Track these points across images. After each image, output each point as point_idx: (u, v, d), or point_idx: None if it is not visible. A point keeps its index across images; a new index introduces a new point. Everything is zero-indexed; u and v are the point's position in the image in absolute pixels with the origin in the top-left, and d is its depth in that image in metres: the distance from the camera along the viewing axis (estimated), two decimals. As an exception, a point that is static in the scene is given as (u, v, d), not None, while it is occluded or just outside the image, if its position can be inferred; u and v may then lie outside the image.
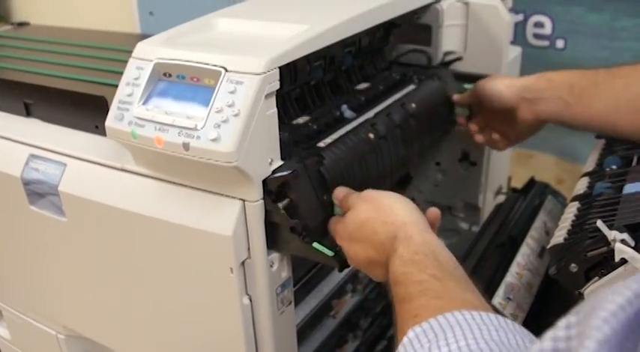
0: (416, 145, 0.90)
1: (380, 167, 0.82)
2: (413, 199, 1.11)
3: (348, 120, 0.83)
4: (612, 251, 0.60)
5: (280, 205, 0.67)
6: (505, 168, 1.22)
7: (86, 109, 0.83)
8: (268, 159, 0.67)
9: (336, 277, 0.97)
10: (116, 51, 1.04)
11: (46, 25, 1.36)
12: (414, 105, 0.90)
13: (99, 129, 0.81)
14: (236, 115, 0.62)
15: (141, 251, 0.76)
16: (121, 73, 0.71)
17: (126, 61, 0.72)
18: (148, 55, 0.70)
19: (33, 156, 0.83)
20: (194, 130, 0.63)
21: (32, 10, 2.10)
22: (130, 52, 0.72)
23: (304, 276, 0.91)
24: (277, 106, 0.67)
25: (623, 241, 0.60)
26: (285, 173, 0.67)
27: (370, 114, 0.85)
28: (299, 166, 0.68)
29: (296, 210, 0.68)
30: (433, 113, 0.95)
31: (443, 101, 0.99)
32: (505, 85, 0.90)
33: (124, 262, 0.79)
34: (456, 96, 0.99)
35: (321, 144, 0.76)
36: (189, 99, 0.66)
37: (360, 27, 0.81)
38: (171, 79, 0.68)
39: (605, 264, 0.62)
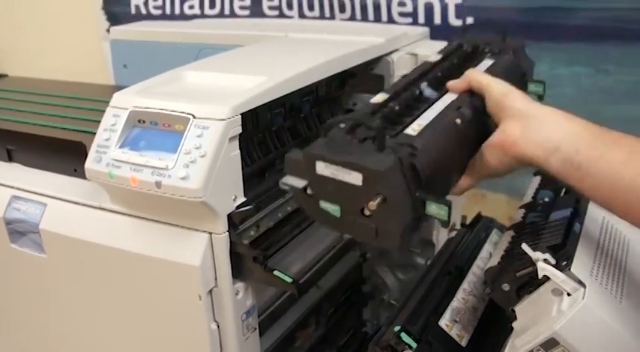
0: (484, 135, 0.76)
1: (461, 155, 0.74)
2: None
3: (431, 101, 0.76)
4: (537, 270, 0.68)
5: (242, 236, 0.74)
6: (459, 207, 1.31)
7: (65, 154, 0.90)
8: (232, 196, 0.75)
9: (300, 308, 1.03)
10: (92, 101, 1.12)
11: (24, 77, 1.43)
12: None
13: (77, 172, 0.89)
14: (203, 156, 0.70)
15: (117, 282, 0.83)
16: (97, 121, 0.78)
17: (101, 111, 0.80)
18: (123, 103, 0.78)
19: (15, 197, 0.90)
20: (165, 170, 0.71)
21: (9, 62, 2.17)
22: (105, 102, 0.80)
23: (269, 307, 0.98)
24: (241, 149, 0.75)
25: (545, 260, 0.68)
26: (247, 208, 0.74)
27: (452, 95, 0.77)
28: (392, 161, 0.60)
29: (389, 209, 0.60)
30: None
31: (518, 78, 0.90)
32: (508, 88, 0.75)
33: (101, 294, 0.85)
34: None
35: (410, 131, 0.68)
36: (161, 142, 0.74)
37: (316, 77, 0.89)
38: (144, 125, 0.76)
39: (533, 282, 0.69)
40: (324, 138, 0.64)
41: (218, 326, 0.79)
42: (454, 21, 1.39)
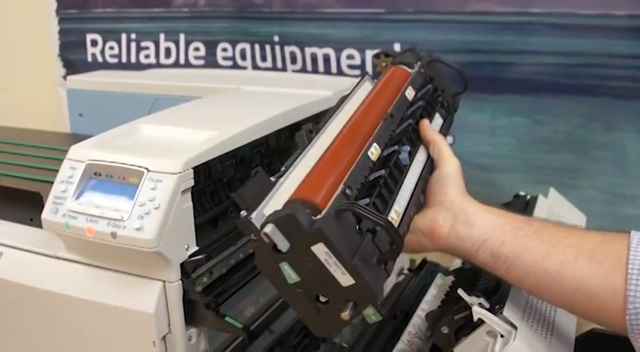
0: None
1: None
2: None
3: (405, 170, 0.78)
4: (472, 313, 0.73)
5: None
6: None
7: (21, 203, 0.92)
8: (185, 245, 0.78)
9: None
10: (48, 149, 1.14)
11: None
12: None
13: (33, 221, 0.91)
14: (157, 208, 0.73)
15: (71, 329, 0.84)
16: (54, 170, 0.81)
17: (57, 159, 0.82)
18: (80, 156, 0.81)
19: (-30, 247, 0.91)
20: (121, 221, 0.74)
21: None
22: (61, 150, 0.83)
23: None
24: (193, 200, 0.78)
25: (480, 304, 0.73)
26: (199, 257, 0.78)
27: (418, 166, 0.81)
28: (382, 283, 0.62)
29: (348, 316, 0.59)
30: None
31: None
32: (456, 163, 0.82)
33: (56, 341, 0.87)
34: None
35: (391, 218, 0.70)
36: (116, 194, 0.77)
37: (266, 131, 0.94)
38: (100, 178, 0.79)
39: (469, 324, 0.74)
40: (337, 219, 0.59)
41: (171, 372, 0.81)
42: (400, 73, 1.46)
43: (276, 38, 1.60)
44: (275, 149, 1.07)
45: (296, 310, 0.64)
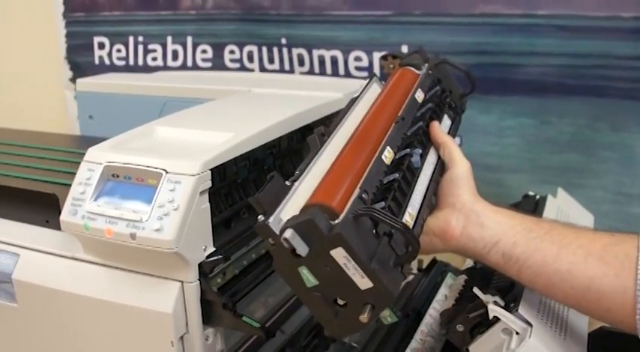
0: None
1: None
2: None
3: (417, 172, 0.80)
4: (488, 311, 0.74)
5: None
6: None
7: (37, 205, 0.93)
8: (203, 246, 0.79)
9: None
10: (61, 152, 1.15)
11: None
12: None
13: (49, 223, 0.92)
14: (176, 209, 0.74)
15: (89, 330, 0.85)
16: (68, 173, 0.82)
17: (71, 162, 0.83)
18: (98, 159, 0.82)
19: (-14, 249, 0.92)
20: (140, 222, 0.75)
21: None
22: (75, 153, 0.83)
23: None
24: (209, 201, 0.79)
25: (495, 302, 0.74)
26: (218, 257, 0.79)
27: (429, 168, 0.83)
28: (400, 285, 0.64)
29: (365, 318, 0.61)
30: None
31: None
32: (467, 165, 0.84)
33: (73, 342, 0.88)
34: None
35: (406, 221, 0.72)
36: (134, 196, 0.78)
37: (280, 132, 0.95)
38: (118, 180, 0.80)
39: (485, 322, 0.75)
40: (355, 223, 0.61)
41: (189, 371, 0.82)
42: (408, 75, 1.47)
43: (283, 40, 1.61)
44: (287, 151, 1.08)
45: (314, 312, 0.65)
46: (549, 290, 0.71)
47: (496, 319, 0.73)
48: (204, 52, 1.75)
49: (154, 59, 1.83)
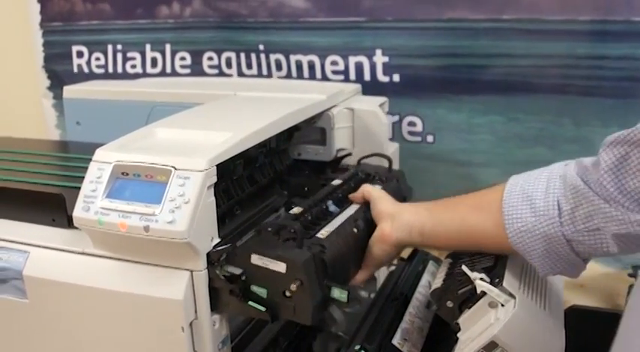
0: None
1: (356, 254, 1.00)
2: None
3: (334, 214, 1.01)
4: (475, 287, 0.81)
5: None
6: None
7: (41, 206, 0.97)
8: (210, 237, 0.85)
9: (260, 342, 1.12)
10: (61, 157, 1.19)
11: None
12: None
13: (56, 222, 0.96)
14: (187, 203, 0.80)
15: (101, 322, 0.90)
16: (69, 176, 0.85)
17: (69, 166, 0.87)
18: (106, 158, 0.87)
19: (-3, 247, 0.97)
20: (153, 216, 0.80)
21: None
22: (69, 157, 0.87)
23: (233, 340, 1.06)
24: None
25: (482, 279, 0.81)
26: (225, 246, 0.85)
27: (351, 210, 1.03)
28: (308, 255, 0.84)
29: (304, 291, 0.81)
30: None
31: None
32: (391, 200, 1.02)
33: (85, 334, 0.92)
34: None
35: (320, 235, 0.92)
36: (145, 192, 0.83)
37: (272, 132, 1.01)
38: (128, 177, 0.85)
39: (472, 297, 0.83)
40: (258, 237, 0.88)
41: (198, 356, 0.87)
42: (382, 77, 1.55)
43: (261, 46, 1.67)
44: (275, 149, 1.15)
45: (281, 314, 0.85)
46: (459, 245, 0.95)
47: (483, 293, 0.80)
48: (182, 59, 1.80)
49: (133, 67, 1.87)
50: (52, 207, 0.96)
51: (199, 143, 0.90)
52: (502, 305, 0.79)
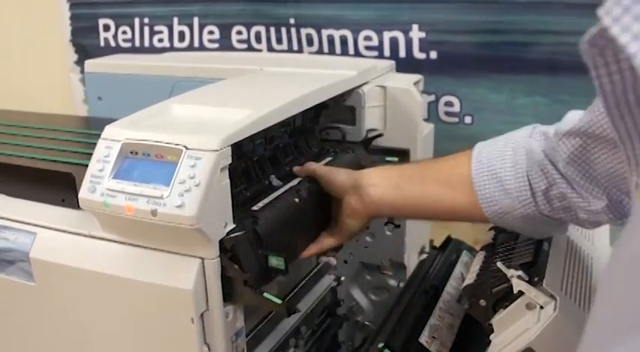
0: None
1: (304, 224, 0.95)
2: (345, 261, 1.26)
3: (276, 188, 0.95)
4: (512, 286, 0.74)
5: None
6: (426, 231, 1.36)
7: (53, 185, 0.92)
8: (223, 223, 0.78)
9: (280, 332, 1.06)
10: (75, 133, 1.14)
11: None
12: None
13: (65, 202, 0.91)
14: (197, 185, 0.74)
15: (108, 308, 0.85)
16: (82, 153, 0.80)
17: (84, 142, 0.82)
18: (115, 136, 0.81)
19: (3, 227, 0.92)
20: (161, 199, 0.74)
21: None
22: (87, 133, 0.82)
23: (252, 331, 1.01)
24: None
25: (519, 277, 0.74)
26: (238, 234, 0.78)
27: (294, 181, 0.98)
28: (239, 226, 0.80)
29: (238, 263, 0.79)
30: None
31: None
32: (344, 172, 0.97)
33: (91, 320, 0.88)
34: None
35: (255, 207, 0.88)
36: (154, 173, 0.77)
37: (296, 109, 0.94)
38: (137, 156, 0.79)
39: (508, 297, 0.75)
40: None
41: (209, 348, 0.81)
42: (418, 54, 1.47)
43: (291, 20, 1.60)
44: (300, 128, 1.08)
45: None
46: (433, 219, 1.02)
47: (520, 293, 0.73)
48: (211, 33, 1.74)
49: (160, 41, 1.82)
50: (61, 186, 0.90)
51: (215, 120, 0.84)
52: (541, 308, 0.71)
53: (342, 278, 1.23)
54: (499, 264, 0.75)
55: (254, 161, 0.97)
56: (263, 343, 1.02)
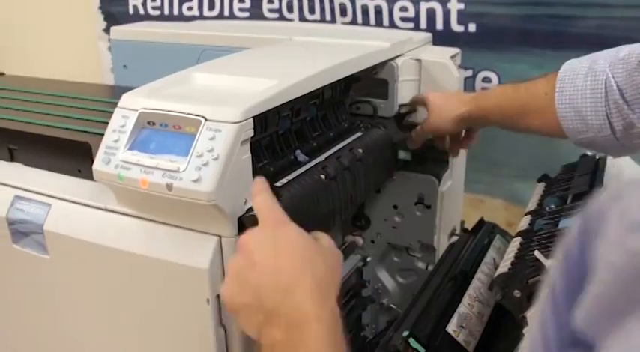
0: (362, 186, 0.98)
1: (330, 205, 0.90)
2: (372, 241, 1.21)
3: (302, 164, 0.91)
4: (549, 277, 0.68)
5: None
6: (458, 212, 1.31)
7: (70, 154, 0.89)
8: (243, 199, 0.74)
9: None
10: (95, 101, 1.11)
11: (22, 76, 1.42)
12: (360, 150, 0.97)
13: (81, 172, 0.88)
14: (215, 159, 0.69)
15: (121, 285, 0.82)
16: (101, 122, 0.77)
17: (104, 111, 0.78)
18: (133, 104, 0.77)
19: (18, 197, 0.89)
20: (177, 172, 0.70)
21: (3, 61, 2.15)
22: (108, 102, 0.79)
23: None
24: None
25: (558, 268, 0.68)
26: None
27: (321, 157, 0.93)
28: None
29: None
30: (378, 157, 1.03)
31: (387, 147, 1.07)
32: (450, 120, 1.03)
33: (105, 296, 0.85)
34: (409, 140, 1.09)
35: (278, 183, 0.82)
36: (171, 144, 0.73)
37: (325, 81, 0.89)
38: (154, 127, 0.75)
39: (545, 289, 0.70)
40: None
41: (225, 330, 0.78)
42: (456, 27, 1.39)
43: (325, -11, 1.54)
44: (330, 101, 1.02)
45: None
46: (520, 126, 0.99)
47: (559, 285, 0.67)
48: (241, 1, 1.68)
49: (190, 9, 1.77)
50: (78, 156, 0.87)
51: (238, 91, 0.79)
52: (582, 302, 0.65)
53: (369, 259, 1.19)
54: (537, 254, 0.70)
55: (279, 134, 0.92)
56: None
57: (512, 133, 1.43)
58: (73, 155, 0.89)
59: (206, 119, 0.71)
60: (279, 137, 0.92)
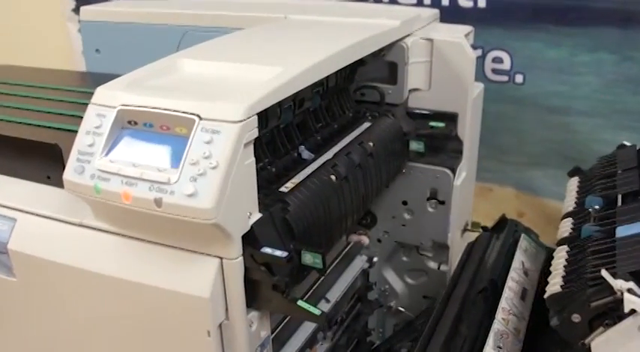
0: (374, 184, 0.89)
1: (342, 208, 0.80)
2: (379, 240, 1.10)
3: (308, 162, 0.81)
4: (618, 301, 0.57)
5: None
6: (470, 204, 1.20)
7: (37, 158, 0.76)
8: (247, 213, 0.62)
9: (308, 327, 0.91)
10: (66, 91, 0.97)
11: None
12: (371, 143, 0.88)
13: (51, 179, 0.75)
14: (214, 168, 0.57)
15: (102, 315, 0.70)
16: (74, 116, 0.64)
17: (77, 103, 0.66)
18: (109, 100, 0.64)
19: (-23, 211, 0.76)
20: (167, 184, 0.58)
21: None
22: (81, 92, 0.66)
23: (276, 328, 0.86)
24: (251, 153, 0.62)
25: (630, 290, 0.57)
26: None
27: (329, 154, 0.83)
28: (265, 215, 0.65)
29: (266, 264, 0.63)
30: (390, 150, 0.94)
31: (398, 138, 0.97)
32: None
33: (81, 326, 0.73)
34: None
35: (283, 188, 0.73)
36: (158, 150, 0.61)
37: (333, 68, 0.78)
38: (137, 127, 0.63)
39: (611, 313, 0.59)
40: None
41: (229, 366, 0.66)
42: (464, 2, 1.29)
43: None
44: (334, 89, 0.90)
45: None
46: None
47: (632, 311, 0.56)
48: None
49: (169, -15, 1.62)
50: (46, 160, 0.74)
51: (237, 81, 0.67)
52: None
53: (375, 259, 1.09)
54: (603, 273, 0.59)
55: (280, 129, 0.80)
56: (289, 342, 0.88)
57: (520, 118, 1.34)
58: (41, 159, 0.75)
59: (201, 118, 0.59)
60: (281, 131, 0.80)
